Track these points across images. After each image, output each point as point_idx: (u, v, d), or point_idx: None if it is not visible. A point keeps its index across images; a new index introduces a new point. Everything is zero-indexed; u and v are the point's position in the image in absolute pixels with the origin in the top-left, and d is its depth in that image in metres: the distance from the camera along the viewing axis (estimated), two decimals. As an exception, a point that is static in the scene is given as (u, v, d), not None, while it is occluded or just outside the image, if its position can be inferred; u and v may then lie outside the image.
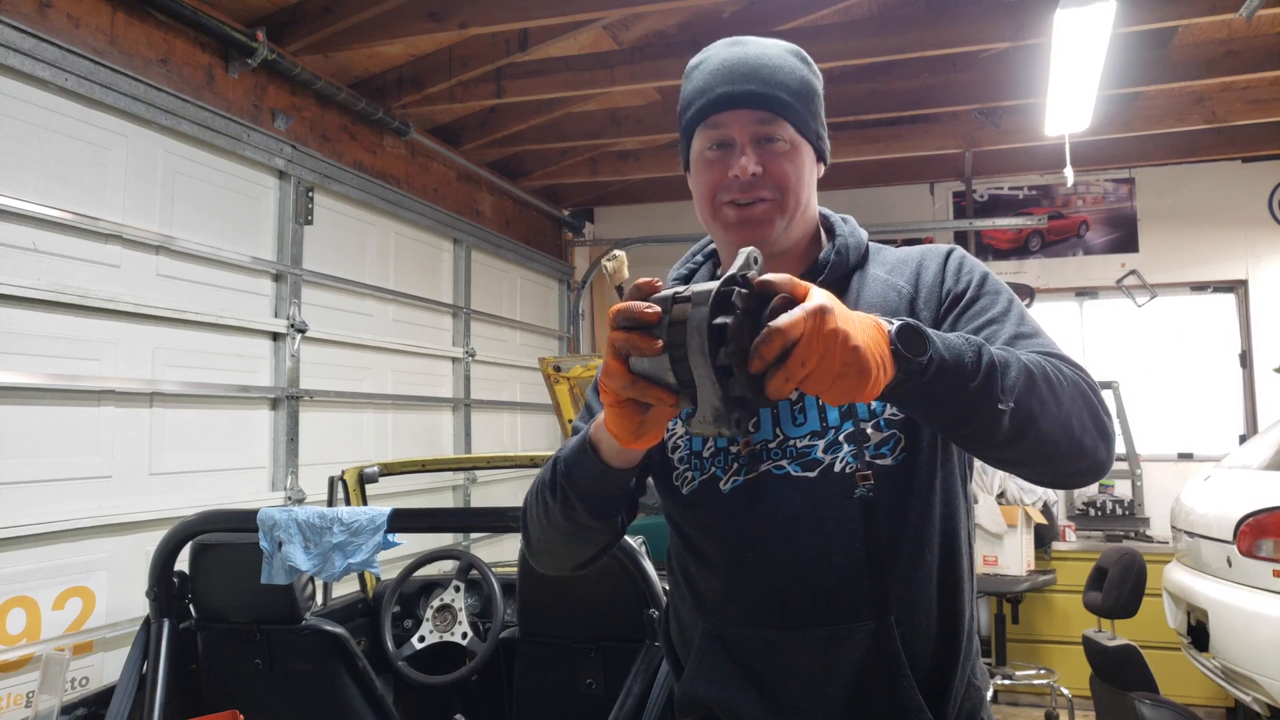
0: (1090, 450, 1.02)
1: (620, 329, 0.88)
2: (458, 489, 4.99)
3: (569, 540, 1.20)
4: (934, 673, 1.13)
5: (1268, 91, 4.66)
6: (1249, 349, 5.59)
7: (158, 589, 2.44)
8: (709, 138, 1.17)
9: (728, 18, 4.01)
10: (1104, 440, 1.03)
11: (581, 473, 1.10)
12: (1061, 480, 1.07)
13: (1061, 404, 0.99)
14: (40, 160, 2.71)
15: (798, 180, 1.17)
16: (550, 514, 1.16)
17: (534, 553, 1.27)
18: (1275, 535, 3.21)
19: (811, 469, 1.14)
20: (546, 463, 1.21)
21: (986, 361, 0.93)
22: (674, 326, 0.85)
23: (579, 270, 6.58)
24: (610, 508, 1.15)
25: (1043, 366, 1.00)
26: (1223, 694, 4.41)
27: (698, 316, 0.83)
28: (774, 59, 1.17)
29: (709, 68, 1.18)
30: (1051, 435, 0.98)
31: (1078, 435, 1.00)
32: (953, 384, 0.92)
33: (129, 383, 2.96)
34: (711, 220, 1.20)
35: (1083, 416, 1.01)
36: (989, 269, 1.22)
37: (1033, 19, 3.64)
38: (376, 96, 4.20)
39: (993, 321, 1.13)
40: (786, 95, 1.16)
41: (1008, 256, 5.99)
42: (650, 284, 0.90)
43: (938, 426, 0.98)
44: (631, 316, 0.87)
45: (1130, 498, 5.42)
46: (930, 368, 0.90)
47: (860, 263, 1.25)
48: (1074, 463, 1.02)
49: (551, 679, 2.50)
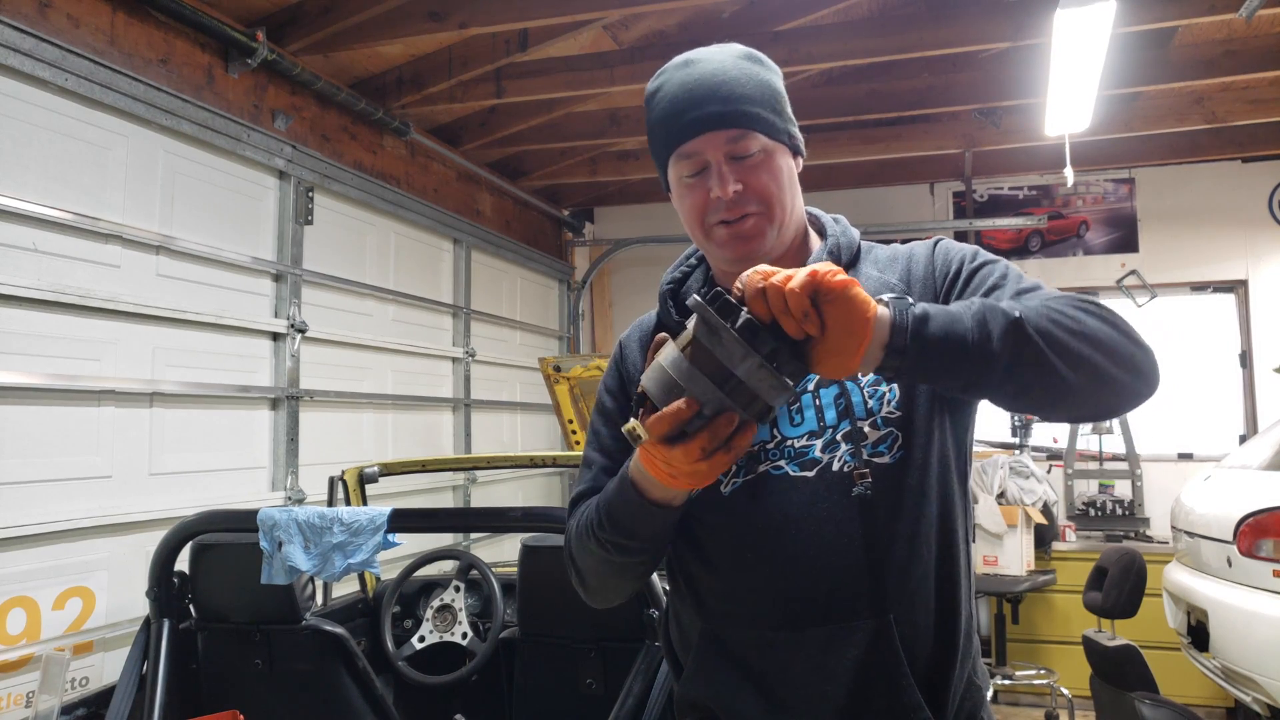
0: (1129, 358, 1.00)
1: (678, 441, 0.94)
2: (458, 489, 4.99)
3: (629, 576, 1.23)
4: (933, 671, 1.13)
5: (1267, 91, 4.66)
6: (1249, 349, 5.59)
7: (158, 589, 2.44)
8: (683, 166, 1.18)
9: (727, 18, 4.01)
10: (1139, 347, 1.02)
11: (644, 526, 1.11)
12: (1102, 405, 1.03)
13: (1081, 323, 0.98)
14: (40, 160, 2.72)
15: (779, 188, 1.18)
16: (611, 563, 1.18)
17: (591, 593, 1.28)
18: (1275, 535, 3.21)
19: (809, 468, 1.14)
20: (582, 512, 1.23)
21: (980, 303, 0.97)
22: (701, 362, 0.90)
23: (579, 270, 6.58)
24: (668, 536, 1.18)
25: (1054, 296, 1.01)
26: (1223, 694, 4.41)
27: (721, 335, 0.89)
28: (729, 71, 1.17)
29: (668, 94, 1.18)
30: (1080, 351, 0.97)
31: (1110, 348, 0.99)
32: (950, 318, 0.94)
33: (129, 383, 2.96)
34: (705, 241, 1.21)
35: (1110, 335, 1.00)
36: (977, 247, 1.23)
37: (1033, 19, 3.64)
38: (376, 96, 4.20)
39: (994, 288, 1.13)
40: (750, 107, 1.16)
41: (1007, 256, 5.95)
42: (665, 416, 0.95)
43: (956, 372, 0.96)
44: (678, 425, 0.93)
45: (1130, 498, 5.42)
46: (916, 308, 0.94)
47: (853, 262, 1.25)
48: (1111, 384, 1.00)
49: (551, 679, 2.50)
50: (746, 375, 0.88)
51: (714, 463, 0.95)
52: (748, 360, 0.88)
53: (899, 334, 0.92)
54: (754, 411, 0.91)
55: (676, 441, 0.93)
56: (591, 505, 1.19)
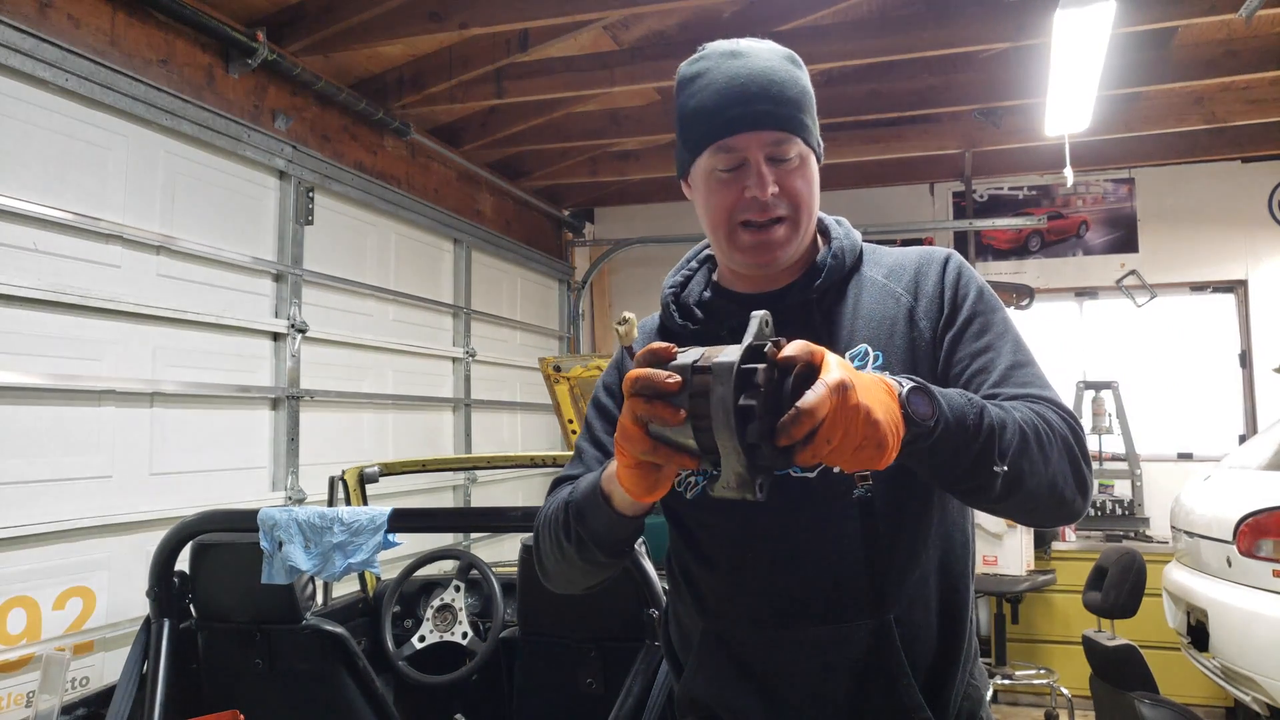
0: (1069, 502, 1.07)
1: (640, 397, 0.89)
2: (458, 489, 4.99)
3: (585, 573, 1.23)
4: (934, 672, 1.14)
5: (1267, 91, 4.67)
6: (1249, 349, 5.60)
7: (158, 589, 2.44)
8: (722, 160, 1.15)
9: (728, 18, 4.01)
10: (1082, 494, 1.08)
11: (596, 522, 1.11)
12: (1040, 524, 1.14)
13: (1049, 462, 1.03)
14: (41, 160, 2.72)
15: (810, 195, 1.18)
16: (566, 553, 1.18)
17: (550, 579, 1.28)
18: (1275, 535, 3.21)
19: (811, 469, 1.14)
20: (554, 501, 1.22)
21: (987, 425, 0.96)
22: (696, 398, 0.87)
23: (579, 270, 6.58)
24: (625, 547, 1.17)
25: (1035, 425, 1.03)
26: (1222, 694, 4.41)
27: (722, 392, 0.84)
28: (779, 72, 1.15)
29: (715, 85, 1.15)
30: (1037, 492, 1.02)
31: (1059, 490, 1.04)
32: (956, 445, 0.94)
33: (129, 383, 2.96)
34: (726, 241, 1.18)
35: (1066, 473, 1.05)
36: (984, 280, 1.23)
37: (1033, 19, 3.64)
38: (377, 97, 4.20)
39: (989, 348, 1.14)
40: (795, 111, 1.15)
41: (1007, 256, 6.00)
42: (666, 350, 0.91)
43: (938, 481, 1.01)
44: (653, 386, 0.88)
45: (1130, 498, 5.42)
46: (937, 429, 0.92)
47: (856, 265, 1.24)
48: (1054, 513, 1.08)
49: (551, 679, 2.50)
50: (722, 448, 0.85)
51: (640, 473, 0.95)
52: (730, 441, 0.84)
53: (907, 450, 0.92)
54: (707, 463, 0.90)
55: (649, 400, 0.89)
56: (564, 492, 1.20)
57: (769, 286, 1.22)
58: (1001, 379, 1.11)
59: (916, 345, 1.16)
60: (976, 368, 1.13)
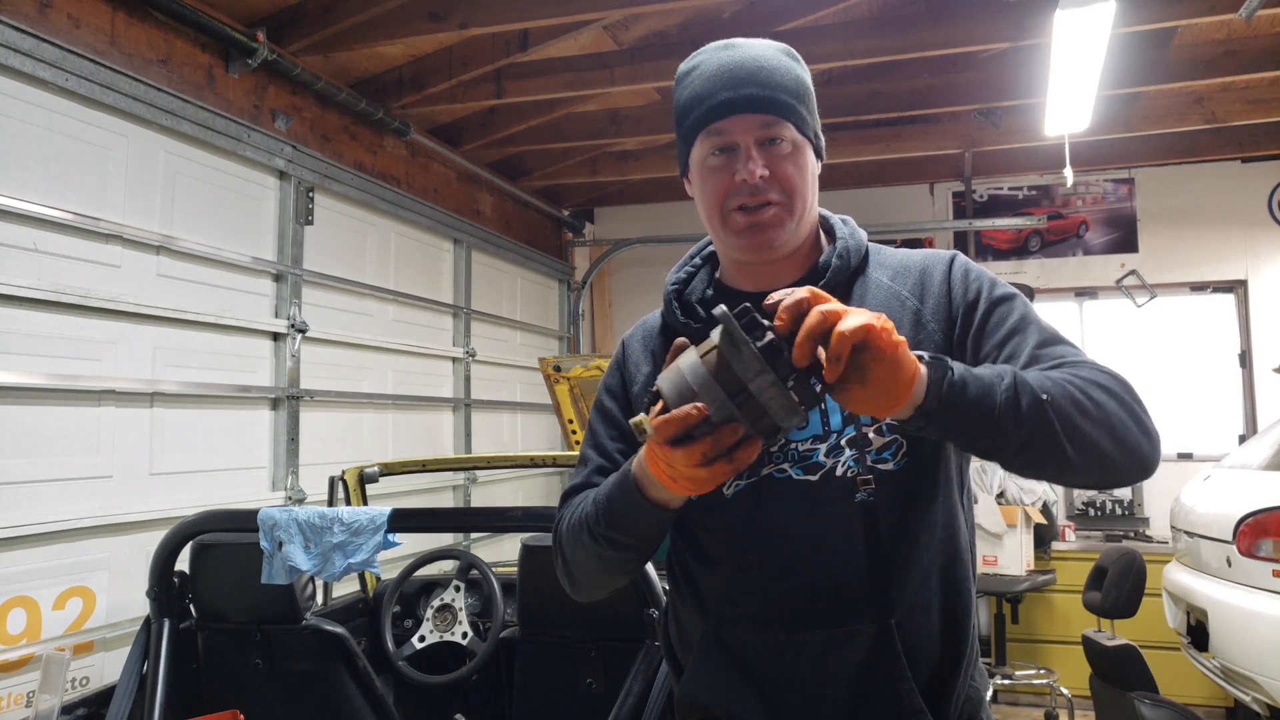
0: (1134, 447, 1.03)
1: (688, 441, 0.93)
2: (458, 489, 4.99)
3: (616, 571, 1.22)
4: (935, 676, 1.13)
5: (1267, 91, 4.67)
6: (1249, 349, 5.60)
7: (158, 589, 2.44)
8: (712, 144, 1.17)
9: (728, 18, 4.01)
10: (1146, 436, 1.04)
11: (640, 523, 1.10)
12: (1116, 477, 1.07)
13: (1101, 406, 1.01)
14: (40, 160, 2.71)
15: (803, 181, 1.17)
16: (601, 556, 1.17)
17: (578, 588, 1.27)
18: (1275, 535, 3.21)
19: (813, 472, 1.14)
20: (575, 505, 1.22)
21: (1011, 373, 0.97)
22: (721, 375, 0.91)
23: (579, 270, 6.58)
24: (662, 536, 1.17)
25: (1074, 376, 1.02)
26: (1222, 694, 4.42)
27: (741, 350, 0.89)
28: (770, 60, 1.17)
29: (705, 73, 1.17)
30: (1097, 438, 0.99)
31: (1121, 434, 1.01)
32: (985, 385, 0.95)
33: (129, 383, 2.96)
34: (721, 227, 1.19)
35: (1123, 418, 1.02)
36: (993, 274, 1.22)
37: (1033, 19, 3.64)
38: (377, 97, 4.20)
39: (1015, 332, 1.13)
40: (786, 96, 1.16)
41: (1007, 257, 6.00)
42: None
43: (986, 433, 0.98)
44: (686, 427, 0.92)
45: (1130, 498, 5.43)
46: (954, 370, 0.93)
47: (861, 265, 1.24)
48: (1126, 460, 1.03)
49: (551, 679, 2.50)
50: (759, 391, 0.89)
51: (714, 471, 0.94)
52: (762, 376, 0.88)
53: (932, 399, 0.93)
54: (761, 428, 0.91)
55: (680, 444, 0.93)
56: (588, 499, 1.19)
57: (771, 284, 1.22)
58: (1032, 360, 1.09)
59: (923, 348, 1.15)
60: (1005, 355, 1.12)
